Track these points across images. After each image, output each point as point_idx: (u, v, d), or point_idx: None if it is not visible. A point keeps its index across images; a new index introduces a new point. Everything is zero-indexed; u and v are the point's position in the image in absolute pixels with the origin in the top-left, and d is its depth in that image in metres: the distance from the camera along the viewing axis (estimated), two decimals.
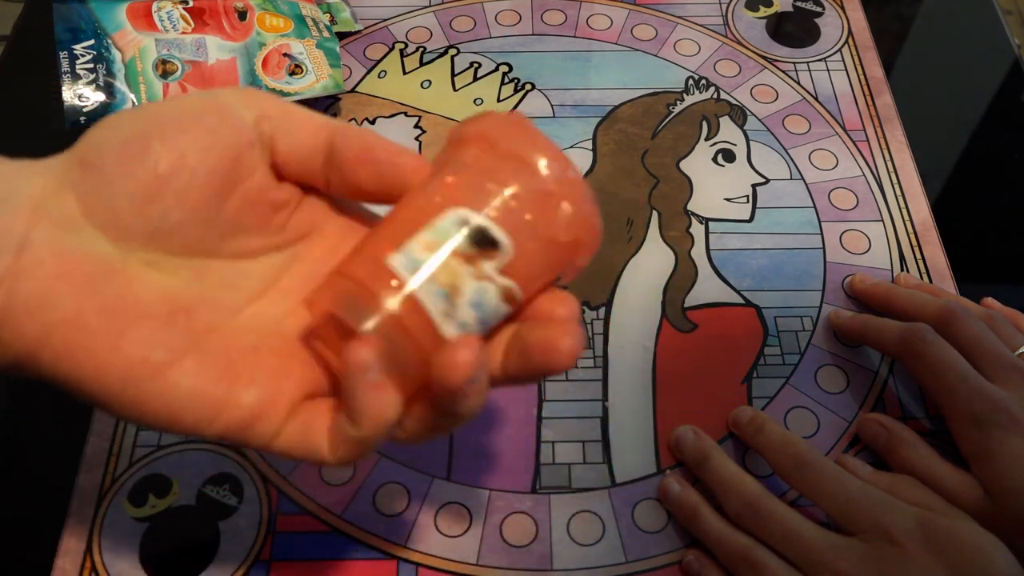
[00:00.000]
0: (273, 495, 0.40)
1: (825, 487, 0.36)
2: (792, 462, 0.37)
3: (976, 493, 0.36)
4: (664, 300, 0.46)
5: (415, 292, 0.24)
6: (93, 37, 0.50)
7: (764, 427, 0.40)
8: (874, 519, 0.34)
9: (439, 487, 0.40)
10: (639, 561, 0.38)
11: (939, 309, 0.41)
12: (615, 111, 0.54)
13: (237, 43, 0.52)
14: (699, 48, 0.58)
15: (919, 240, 0.49)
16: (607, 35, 0.59)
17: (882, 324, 0.42)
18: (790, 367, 0.44)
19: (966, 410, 0.37)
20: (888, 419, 0.41)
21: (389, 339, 0.24)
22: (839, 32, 0.59)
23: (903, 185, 0.51)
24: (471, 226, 0.24)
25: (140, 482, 0.40)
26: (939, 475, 0.37)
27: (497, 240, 0.24)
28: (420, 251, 0.24)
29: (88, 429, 0.41)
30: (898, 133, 0.53)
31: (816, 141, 0.53)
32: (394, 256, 0.24)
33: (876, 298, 0.45)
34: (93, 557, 0.38)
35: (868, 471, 0.39)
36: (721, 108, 0.55)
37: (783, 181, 0.51)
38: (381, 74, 0.56)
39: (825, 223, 0.50)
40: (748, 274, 0.47)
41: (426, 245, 0.24)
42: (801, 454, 0.37)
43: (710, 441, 0.40)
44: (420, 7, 0.60)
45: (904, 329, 0.40)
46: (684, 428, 0.41)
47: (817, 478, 0.36)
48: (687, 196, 0.50)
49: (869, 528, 0.34)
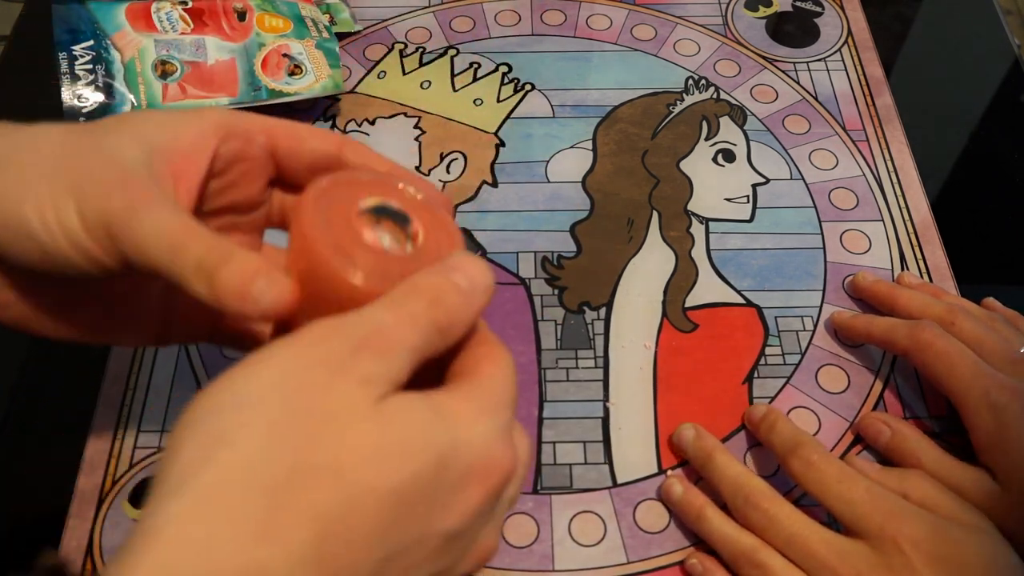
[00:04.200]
0: None
1: (832, 488, 0.36)
2: (800, 462, 0.37)
3: (987, 487, 0.36)
4: (665, 300, 0.46)
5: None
6: (92, 38, 0.50)
7: (775, 425, 0.39)
8: (881, 524, 0.34)
9: None
10: (641, 561, 0.38)
11: (943, 309, 0.41)
12: (615, 111, 0.54)
13: (236, 44, 0.52)
14: (699, 48, 0.58)
15: (919, 239, 0.49)
16: (607, 35, 0.59)
17: (889, 321, 0.42)
18: (791, 367, 0.44)
19: (982, 399, 0.37)
20: (890, 416, 0.41)
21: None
22: (839, 32, 0.59)
23: (903, 185, 0.51)
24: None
25: (140, 484, 0.40)
26: (947, 470, 0.37)
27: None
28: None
29: (88, 431, 0.41)
30: (898, 133, 0.53)
31: (816, 141, 0.53)
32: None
33: (879, 296, 0.45)
34: (94, 559, 0.38)
35: (876, 468, 0.39)
36: (721, 108, 0.55)
37: (783, 181, 0.51)
38: (381, 74, 0.56)
39: (825, 223, 0.50)
40: (749, 274, 0.47)
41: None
42: (809, 453, 0.37)
43: (712, 440, 0.40)
44: (419, 8, 0.60)
45: (912, 324, 0.40)
46: (685, 426, 0.41)
47: (824, 478, 0.36)
48: (687, 196, 0.50)
49: (876, 533, 0.34)
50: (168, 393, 0.43)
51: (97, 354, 0.44)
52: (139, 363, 0.44)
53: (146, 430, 0.42)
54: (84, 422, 0.42)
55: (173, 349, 0.44)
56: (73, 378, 0.44)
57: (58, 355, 0.45)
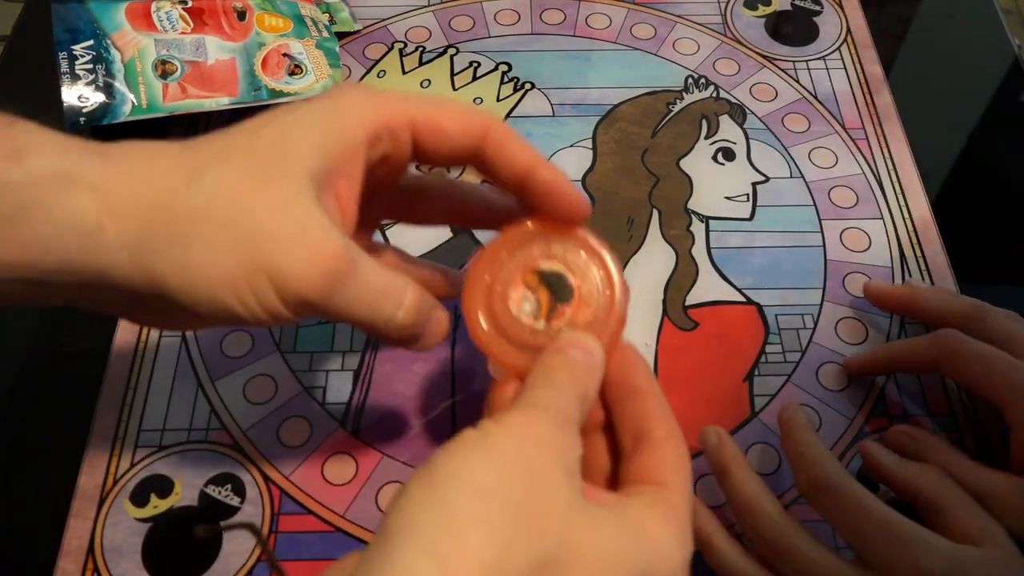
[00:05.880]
0: (275, 495, 0.40)
1: (845, 516, 0.34)
2: (809, 483, 0.35)
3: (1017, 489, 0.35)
4: (665, 298, 0.46)
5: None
6: (92, 38, 0.50)
7: (791, 434, 0.37)
8: (893, 559, 0.32)
9: None
10: None
11: (968, 306, 0.40)
12: (615, 110, 0.55)
13: (236, 43, 0.52)
14: (698, 47, 0.58)
15: (919, 237, 0.49)
16: (606, 34, 0.59)
17: (906, 341, 0.41)
18: (791, 365, 0.44)
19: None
20: (914, 429, 0.40)
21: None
22: (838, 31, 0.59)
23: (903, 183, 0.51)
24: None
25: (142, 482, 0.40)
26: (973, 477, 0.36)
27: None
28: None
29: (90, 430, 0.41)
30: (897, 131, 0.54)
31: (816, 139, 0.53)
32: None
33: (895, 300, 0.44)
34: (95, 558, 0.38)
35: (894, 459, 0.37)
36: (721, 107, 0.55)
37: (783, 179, 0.51)
38: (380, 74, 0.56)
39: (825, 221, 0.50)
40: (749, 272, 0.47)
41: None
42: (822, 476, 0.35)
43: (732, 450, 0.37)
44: (419, 7, 0.60)
45: (932, 335, 0.39)
46: (709, 430, 0.38)
47: (836, 504, 0.34)
48: (687, 195, 0.51)
49: (887, 568, 0.32)
50: (169, 392, 0.43)
51: (98, 353, 0.44)
52: (140, 363, 0.44)
53: (147, 429, 0.42)
54: (85, 421, 0.42)
55: (173, 349, 0.44)
56: (74, 377, 0.44)
57: (59, 354, 0.45)
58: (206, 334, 0.45)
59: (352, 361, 0.44)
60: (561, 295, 0.30)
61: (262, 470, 0.40)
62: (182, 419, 0.42)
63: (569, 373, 0.27)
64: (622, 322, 0.30)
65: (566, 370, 0.27)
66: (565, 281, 0.30)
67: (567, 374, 0.27)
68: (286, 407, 0.42)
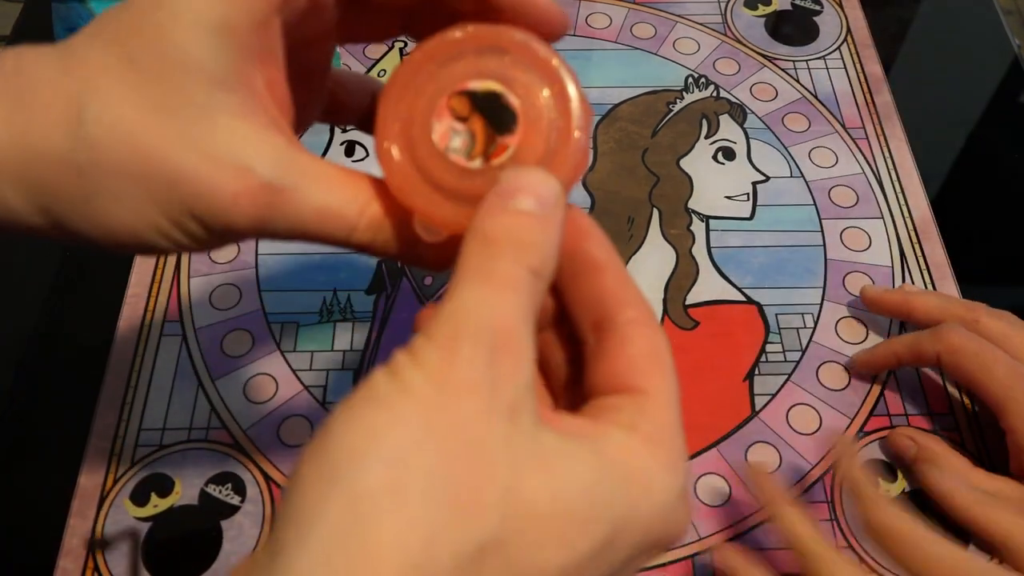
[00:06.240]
0: (276, 494, 0.40)
1: (912, 563, 0.32)
2: (873, 526, 0.33)
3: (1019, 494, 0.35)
4: (665, 298, 0.46)
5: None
6: None
7: (849, 473, 0.35)
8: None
9: None
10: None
11: (963, 308, 0.40)
12: (615, 109, 0.55)
13: None
14: (698, 46, 0.58)
15: (919, 237, 0.49)
16: (606, 34, 0.59)
17: (909, 335, 0.41)
18: (792, 364, 0.44)
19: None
20: (917, 432, 0.40)
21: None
22: (838, 30, 0.59)
23: (903, 182, 0.51)
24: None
25: (142, 482, 0.40)
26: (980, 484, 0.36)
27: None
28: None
29: (90, 429, 0.41)
30: (897, 131, 0.54)
31: (816, 139, 0.53)
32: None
33: (891, 304, 0.44)
34: (95, 557, 0.38)
35: (971, 498, 0.35)
36: (721, 106, 0.55)
37: (783, 179, 0.51)
38: (381, 73, 0.56)
39: (825, 220, 0.50)
40: (749, 271, 0.47)
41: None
42: (885, 520, 0.33)
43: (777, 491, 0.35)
44: None
45: (936, 329, 0.39)
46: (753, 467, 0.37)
47: (901, 550, 0.32)
48: (688, 194, 0.51)
49: None
50: (169, 392, 0.43)
51: (98, 353, 0.44)
52: (140, 362, 0.44)
53: (147, 428, 0.42)
54: (85, 421, 0.42)
55: (174, 348, 0.44)
56: (74, 377, 0.44)
57: (59, 354, 0.45)
58: (206, 334, 0.45)
59: (352, 361, 0.44)
60: (500, 122, 0.23)
61: (262, 469, 0.40)
62: (182, 418, 0.42)
63: (514, 243, 0.20)
64: (584, 152, 0.23)
65: (509, 240, 0.20)
66: (503, 103, 0.23)
67: (511, 247, 0.20)
68: (286, 406, 0.42)
